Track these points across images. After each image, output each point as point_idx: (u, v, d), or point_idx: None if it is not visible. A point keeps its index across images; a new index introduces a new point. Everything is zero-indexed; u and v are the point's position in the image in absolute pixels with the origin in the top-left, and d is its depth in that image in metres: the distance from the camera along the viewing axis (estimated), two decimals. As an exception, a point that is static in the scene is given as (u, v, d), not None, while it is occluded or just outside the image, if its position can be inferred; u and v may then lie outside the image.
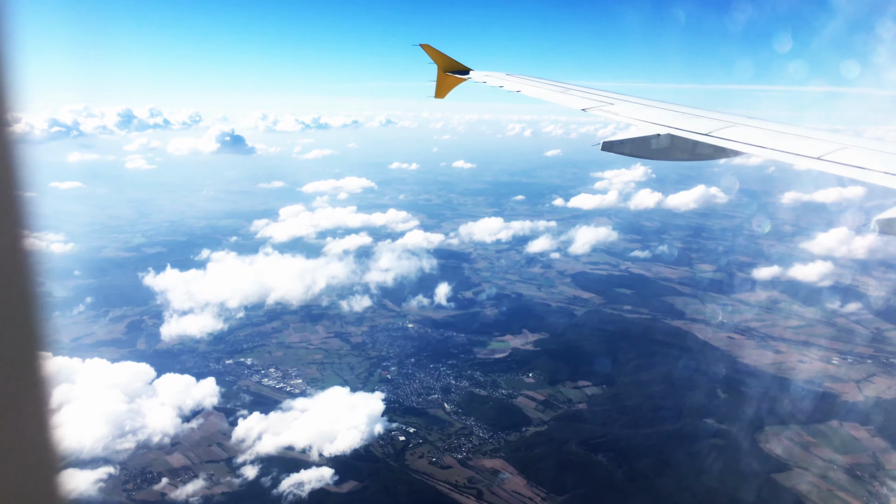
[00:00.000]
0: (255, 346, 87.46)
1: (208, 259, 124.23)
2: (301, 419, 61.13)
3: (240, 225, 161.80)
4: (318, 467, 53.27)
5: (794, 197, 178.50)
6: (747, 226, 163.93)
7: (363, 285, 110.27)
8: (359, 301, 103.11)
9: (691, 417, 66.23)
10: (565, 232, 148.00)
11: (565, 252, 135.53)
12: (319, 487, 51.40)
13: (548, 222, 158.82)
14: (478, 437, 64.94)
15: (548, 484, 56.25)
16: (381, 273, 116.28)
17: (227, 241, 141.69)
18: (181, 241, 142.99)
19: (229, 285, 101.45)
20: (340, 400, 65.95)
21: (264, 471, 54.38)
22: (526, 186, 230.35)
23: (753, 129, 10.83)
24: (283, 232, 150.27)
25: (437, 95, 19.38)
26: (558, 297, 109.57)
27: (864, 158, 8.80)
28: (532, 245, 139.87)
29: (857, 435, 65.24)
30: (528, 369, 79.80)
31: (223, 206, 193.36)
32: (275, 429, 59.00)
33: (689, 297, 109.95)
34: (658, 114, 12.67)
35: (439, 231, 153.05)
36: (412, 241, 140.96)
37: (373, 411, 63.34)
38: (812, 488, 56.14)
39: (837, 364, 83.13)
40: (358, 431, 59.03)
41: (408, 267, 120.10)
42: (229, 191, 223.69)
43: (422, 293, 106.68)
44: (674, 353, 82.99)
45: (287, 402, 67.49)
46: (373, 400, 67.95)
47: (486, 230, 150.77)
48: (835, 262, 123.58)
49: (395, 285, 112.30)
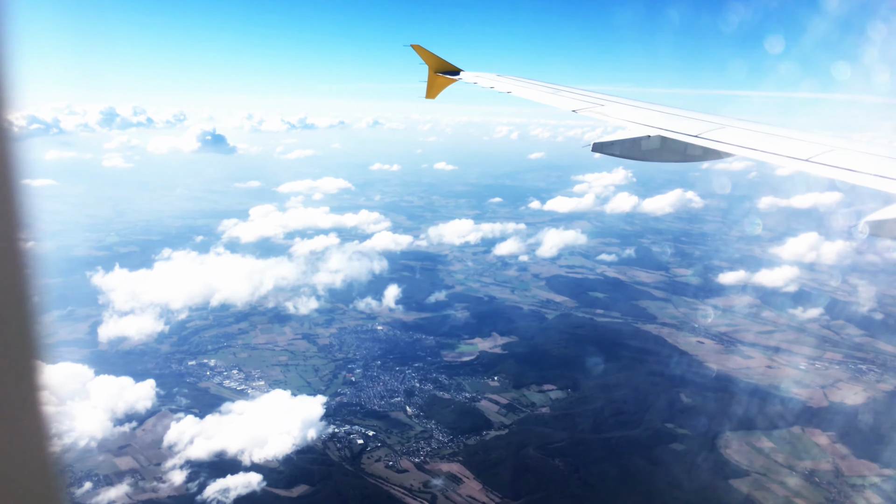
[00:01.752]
0: (219, 348, 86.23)
1: (169, 259, 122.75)
2: (236, 423, 59.78)
3: (216, 225, 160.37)
4: (245, 473, 52.08)
5: (771, 202, 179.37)
6: (726, 230, 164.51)
7: (311, 286, 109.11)
8: (305, 302, 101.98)
9: (652, 422, 65.75)
10: (535, 235, 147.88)
11: (534, 255, 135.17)
12: (247, 493, 50.24)
13: (517, 224, 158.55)
14: (437, 440, 64.14)
15: (503, 489, 55.55)
16: (331, 274, 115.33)
17: (194, 241, 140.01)
18: (155, 240, 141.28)
19: (175, 286, 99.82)
20: (281, 403, 64.71)
21: (192, 476, 53.16)
22: (509, 189, 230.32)
23: (743, 131, 10.90)
24: (250, 232, 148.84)
25: (428, 96, 19.40)
26: (531, 300, 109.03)
27: (853, 160, 8.84)
28: (500, 247, 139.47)
29: (819, 441, 65.01)
30: (493, 373, 79.11)
31: (202, 205, 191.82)
32: (208, 433, 57.72)
33: (663, 301, 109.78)
34: (649, 115, 12.68)
35: (417, 232, 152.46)
36: (380, 242, 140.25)
37: (309, 416, 62.09)
38: (769, 495, 55.76)
39: (805, 369, 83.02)
40: (290, 437, 57.78)
41: (359, 268, 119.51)
42: (210, 190, 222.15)
43: (370, 294, 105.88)
44: (642, 358, 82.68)
45: (226, 406, 66.20)
46: (312, 404, 66.67)
47: (456, 232, 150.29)
48: (808, 267, 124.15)
49: (343, 286, 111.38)
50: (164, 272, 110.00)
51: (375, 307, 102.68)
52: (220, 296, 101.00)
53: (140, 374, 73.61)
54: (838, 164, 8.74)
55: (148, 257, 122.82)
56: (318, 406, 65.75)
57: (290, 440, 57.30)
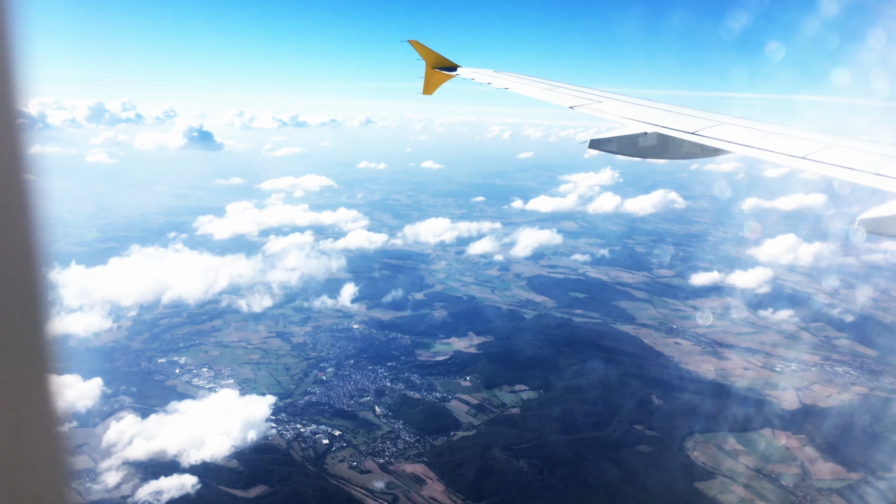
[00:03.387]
0: (191, 345, 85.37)
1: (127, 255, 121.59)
2: (179, 423, 58.77)
3: (198, 221, 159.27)
4: (180, 475, 51.14)
5: (755, 203, 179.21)
6: (710, 231, 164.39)
7: (266, 284, 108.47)
8: (258, 300, 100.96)
9: (621, 424, 65.23)
10: (511, 234, 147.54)
11: (517, 255, 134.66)
12: (180, 496, 49.30)
13: (493, 224, 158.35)
14: (404, 441, 63.48)
15: (465, 490, 54.92)
16: (292, 272, 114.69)
17: (168, 238, 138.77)
18: (136, 236, 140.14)
19: (128, 283, 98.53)
20: (227, 404, 63.74)
21: (127, 477, 52.20)
22: (498, 188, 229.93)
23: (740, 129, 10.88)
24: (225, 229, 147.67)
25: (425, 92, 19.33)
26: (510, 300, 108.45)
27: (850, 158, 8.81)
28: (474, 247, 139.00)
29: (789, 444, 64.57)
30: (466, 373, 78.48)
31: (187, 202, 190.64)
32: (149, 433, 56.71)
33: (643, 302, 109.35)
34: (646, 112, 12.60)
35: (399, 231, 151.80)
36: (353, 241, 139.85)
37: (252, 417, 61.13)
38: (733, 497, 55.30)
39: (780, 371, 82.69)
40: (229, 438, 56.87)
41: (331, 267, 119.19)
42: (196, 187, 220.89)
43: (326, 293, 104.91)
44: (617, 359, 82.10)
45: (172, 405, 65.25)
46: (258, 405, 65.75)
47: (432, 231, 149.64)
48: (789, 269, 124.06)
49: (315, 284, 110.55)
50: (120, 269, 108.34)
51: (353, 306, 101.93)
52: (172, 293, 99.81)
53: (100, 372, 72.20)
54: (835, 161, 8.70)
55: (111, 254, 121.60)
56: (265, 406, 64.72)
57: (230, 441, 56.32)
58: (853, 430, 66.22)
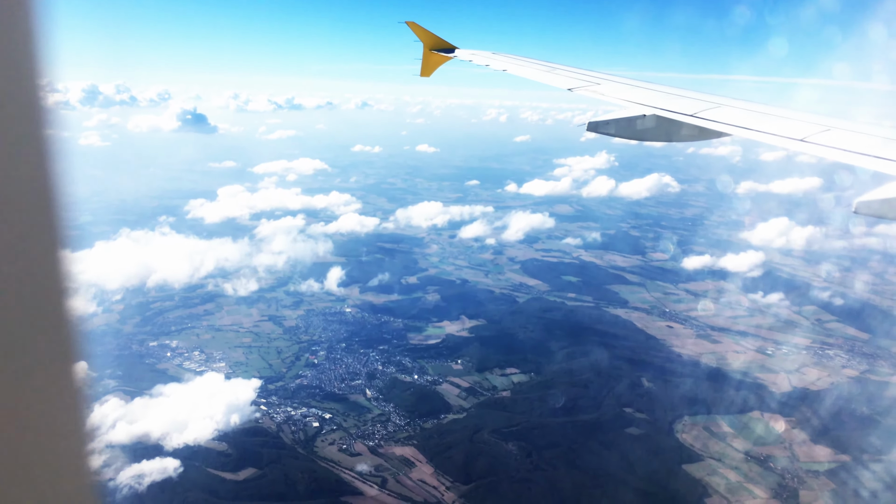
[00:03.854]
0: (183, 329, 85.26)
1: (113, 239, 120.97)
2: (163, 406, 58.65)
3: (189, 205, 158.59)
4: (162, 458, 51.16)
5: (750, 186, 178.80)
6: (705, 215, 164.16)
7: (255, 268, 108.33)
8: (247, 284, 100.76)
9: (611, 407, 65.38)
10: (503, 218, 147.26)
11: (512, 239, 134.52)
12: (161, 479, 49.25)
13: (485, 207, 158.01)
14: (394, 423, 63.59)
15: (454, 473, 55.08)
16: (277, 256, 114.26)
17: (159, 221, 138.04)
18: (129, 220, 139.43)
19: (114, 267, 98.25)
20: (212, 387, 63.63)
21: (109, 461, 52.27)
22: (494, 172, 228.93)
23: (739, 111, 10.89)
24: (216, 213, 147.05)
25: (423, 74, 19.22)
26: (504, 283, 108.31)
27: (849, 141, 8.78)
28: (465, 230, 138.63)
29: (777, 426, 64.80)
30: (458, 356, 78.57)
31: (180, 185, 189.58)
32: (132, 416, 56.65)
33: (637, 285, 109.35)
34: (645, 94, 12.58)
35: (391, 215, 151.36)
36: (345, 224, 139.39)
37: (237, 401, 61.07)
38: (721, 480, 55.54)
39: (772, 355, 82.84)
40: (213, 421, 56.81)
41: (307, 250, 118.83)
42: (191, 170, 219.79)
43: (318, 277, 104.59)
44: (608, 342, 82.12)
45: (157, 388, 65.15)
46: (244, 388, 65.64)
47: (424, 215, 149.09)
48: (782, 252, 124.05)
49: (292, 268, 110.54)
50: (107, 252, 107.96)
51: (345, 290, 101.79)
52: (160, 277, 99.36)
53: (120, 355, 72.85)
54: (834, 144, 8.69)
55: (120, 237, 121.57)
56: (250, 390, 64.66)
57: (213, 425, 56.31)
58: (843, 414, 66.50)
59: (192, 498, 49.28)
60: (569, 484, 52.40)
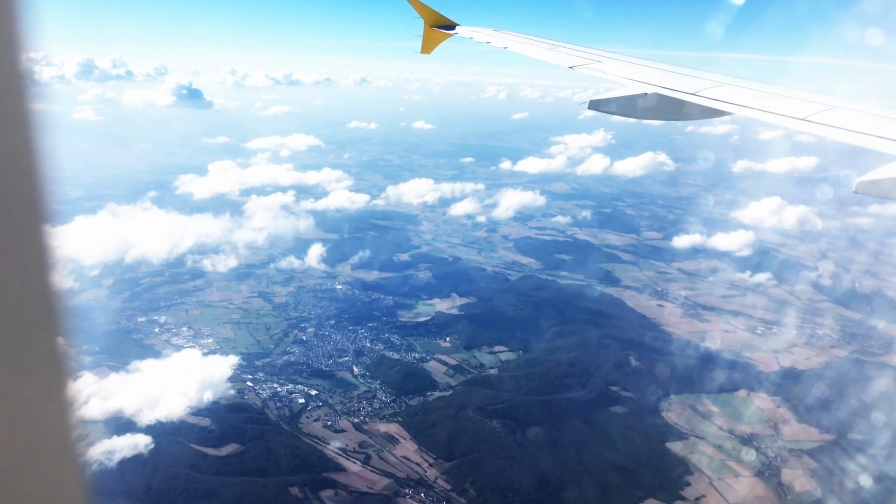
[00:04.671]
0: (172, 305, 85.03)
1: None
2: (139, 383, 58.40)
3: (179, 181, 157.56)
4: (133, 434, 51.06)
5: (746, 165, 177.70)
6: (701, 193, 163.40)
7: (242, 244, 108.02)
8: (234, 260, 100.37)
9: (597, 385, 65.30)
10: (494, 195, 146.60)
11: (490, 215, 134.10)
12: (132, 455, 49.19)
13: (476, 185, 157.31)
14: (380, 401, 63.60)
15: (438, 450, 55.14)
16: (264, 233, 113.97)
17: (147, 196, 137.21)
18: (122, 195, 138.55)
19: (92, 242, 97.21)
20: (190, 363, 63.43)
21: (80, 437, 51.98)
22: (492, 149, 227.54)
23: (741, 89, 10.91)
24: (206, 188, 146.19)
25: (423, 51, 19.04)
26: (496, 261, 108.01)
27: (850, 119, 8.79)
28: (455, 208, 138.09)
29: (763, 405, 64.84)
30: (446, 333, 78.44)
31: (175, 160, 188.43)
32: (107, 392, 56.52)
33: (630, 264, 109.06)
34: (647, 72, 12.59)
35: (383, 192, 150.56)
36: (335, 201, 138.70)
37: (211, 377, 60.81)
38: (704, 458, 55.63)
39: (761, 334, 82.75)
40: (185, 398, 56.65)
41: (297, 226, 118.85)
42: (186, 145, 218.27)
43: (303, 254, 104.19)
44: (598, 321, 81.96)
45: (134, 364, 64.93)
46: (221, 365, 65.34)
47: (415, 192, 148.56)
48: (776, 231, 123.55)
49: (281, 245, 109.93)
50: (85, 228, 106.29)
51: (337, 267, 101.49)
52: (148, 253, 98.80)
53: (108, 331, 72.51)
54: (835, 123, 8.68)
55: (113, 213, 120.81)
56: (226, 367, 64.44)
57: (185, 402, 56.13)
58: (830, 394, 66.41)
59: (174, 473, 49.29)
60: (551, 461, 52.45)
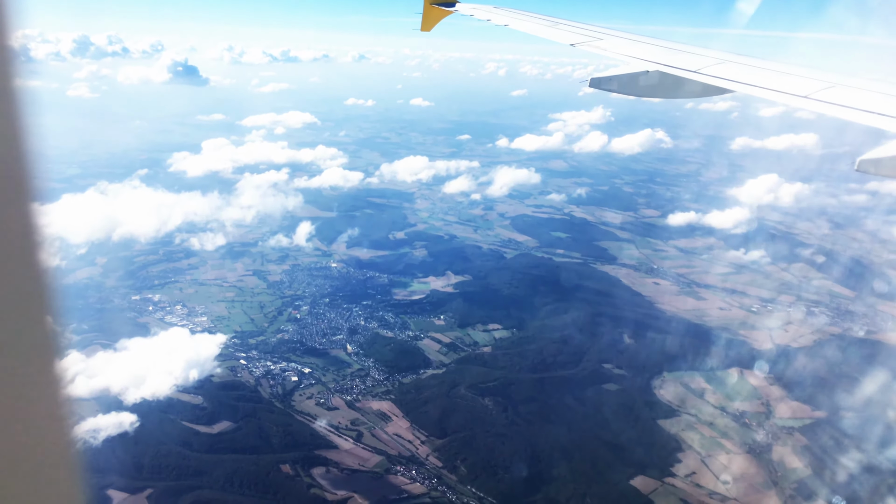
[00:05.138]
0: (166, 283, 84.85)
1: None
2: (126, 361, 58.29)
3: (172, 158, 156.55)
4: (118, 413, 51.10)
5: (745, 142, 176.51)
6: (701, 171, 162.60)
7: (233, 222, 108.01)
8: (215, 239, 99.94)
9: (590, 363, 65.34)
10: (488, 173, 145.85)
11: (484, 193, 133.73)
12: (118, 434, 49.28)
13: (470, 163, 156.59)
14: (373, 378, 63.68)
15: (430, 427, 55.30)
16: (256, 210, 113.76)
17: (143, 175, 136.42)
18: (118, 172, 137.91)
19: (80, 220, 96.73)
20: (177, 342, 63.31)
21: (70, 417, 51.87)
22: (490, 127, 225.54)
23: (743, 67, 10.85)
24: (199, 166, 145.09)
25: (424, 28, 18.83)
26: (493, 239, 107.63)
27: (853, 97, 8.73)
28: (449, 186, 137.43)
29: (756, 383, 64.89)
30: (441, 311, 78.33)
31: (171, 137, 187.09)
32: (93, 370, 56.44)
33: (626, 242, 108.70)
34: (648, 50, 12.43)
35: (377, 170, 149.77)
36: (329, 179, 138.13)
37: (198, 356, 60.73)
38: (695, 435, 55.79)
39: (756, 312, 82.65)
40: (171, 377, 56.58)
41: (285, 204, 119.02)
42: (182, 123, 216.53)
43: (297, 232, 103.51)
44: (593, 299, 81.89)
45: (122, 342, 64.85)
46: (208, 343, 65.28)
47: (409, 170, 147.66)
48: (773, 209, 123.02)
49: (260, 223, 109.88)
50: (73, 206, 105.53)
51: (332, 245, 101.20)
52: (138, 231, 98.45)
53: (102, 309, 72.42)
54: (838, 101, 8.64)
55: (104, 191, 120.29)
56: (214, 346, 64.37)
57: (171, 380, 56.11)
58: (823, 371, 66.48)
59: (165, 450, 49.47)
60: (542, 439, 52.60)
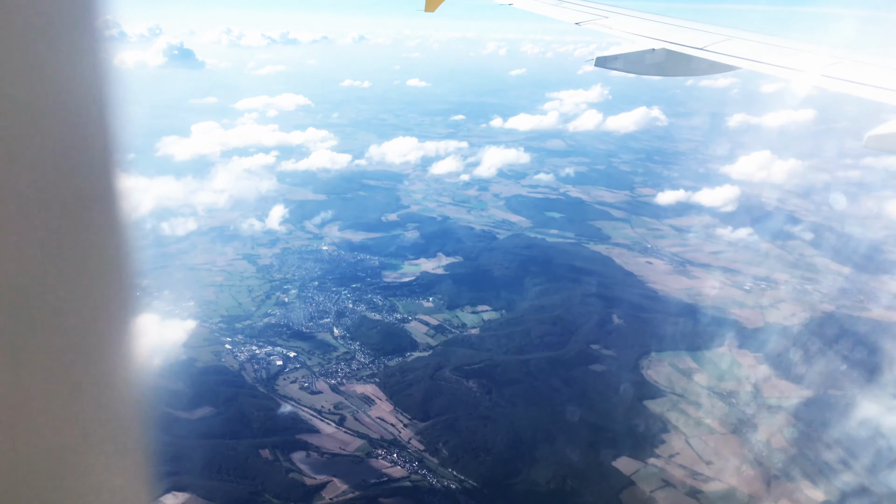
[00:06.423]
0: (153, 268, 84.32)
1: None
2: None
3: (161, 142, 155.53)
4: None
5: (742, 119, 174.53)
6: (700, 149, 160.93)
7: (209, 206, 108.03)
8: (196, 223, 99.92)
9: (578, 343, 64.73)
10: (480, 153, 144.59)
11: (479, 174, 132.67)
12: None
13: (459, 143, 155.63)
14: (358, 362, 63.31)
15: (413, 410, 54.95)
16: (234, 193, 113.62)
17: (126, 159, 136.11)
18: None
19: None
20: (146, 328, 62.79)
21: None
22: (489, 107, 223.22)
23: (749, 43, 10.64)
24: (186, 150, 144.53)
25: (427, 8, 18.01)
26: (486, 220, 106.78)
27: (861, 73, 8.50)
28: (437, 166, 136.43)
29: (744, 362, 64.31)
30: (430, 293, 77.76)
31: (166, 122, 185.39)
32: None
33: (621, 221, 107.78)
34: (653, 27, 12.22)
35: (366, 151, 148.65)
36: (317, 161, 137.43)
37: (163, 343, 60.40)
38: (681, 415, 55.31)
39: (749, 290, 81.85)
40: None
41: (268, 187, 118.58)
42: (178, 107, 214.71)
43: (278, 216, 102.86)
44: (584, 279, 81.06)
45: None
46: (176, 329, 64.93)
47: (398, 151, 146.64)
48: (769, 186, 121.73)
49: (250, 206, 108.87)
50: None
51: (323, 228, 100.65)
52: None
53: None
54: (846, 77, 8.44)
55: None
56: (182, 332, 64.03)
57: None
58: (813, 349, 65.74)
59: (144, 437, 49.15)
60: (525, 421, 52.19)
